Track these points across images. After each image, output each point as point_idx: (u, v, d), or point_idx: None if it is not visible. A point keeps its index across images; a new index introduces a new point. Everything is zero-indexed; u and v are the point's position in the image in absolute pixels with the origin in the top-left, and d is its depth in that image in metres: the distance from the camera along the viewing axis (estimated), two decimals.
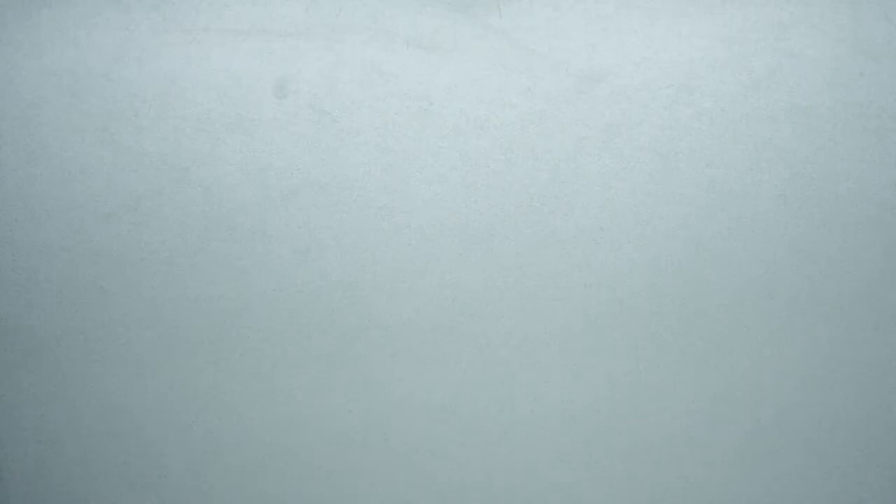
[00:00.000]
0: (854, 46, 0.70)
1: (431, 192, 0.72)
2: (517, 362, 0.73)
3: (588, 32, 0.70)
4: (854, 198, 0.72)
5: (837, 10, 0.69)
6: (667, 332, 0.73)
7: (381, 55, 0.70)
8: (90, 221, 0.73)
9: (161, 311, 0.74)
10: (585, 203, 0.72)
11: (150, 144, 0.72)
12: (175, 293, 0.74)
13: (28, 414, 0.76)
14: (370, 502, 0.73)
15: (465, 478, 0.73)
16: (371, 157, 0.72)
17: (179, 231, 0.73)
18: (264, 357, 0.74)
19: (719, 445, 0.75)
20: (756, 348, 0.74)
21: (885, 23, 0.69)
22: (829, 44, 0.70)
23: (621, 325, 0.73)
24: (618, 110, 0.70)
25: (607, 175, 0.72)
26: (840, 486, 0.76)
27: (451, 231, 0.71)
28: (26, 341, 0.75)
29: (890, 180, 0.72)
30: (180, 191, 0.73)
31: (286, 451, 0.75)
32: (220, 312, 0.74)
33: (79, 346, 0.75)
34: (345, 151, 0.72)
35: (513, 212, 0.72)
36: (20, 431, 0.76)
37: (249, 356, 0.74)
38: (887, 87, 0.70)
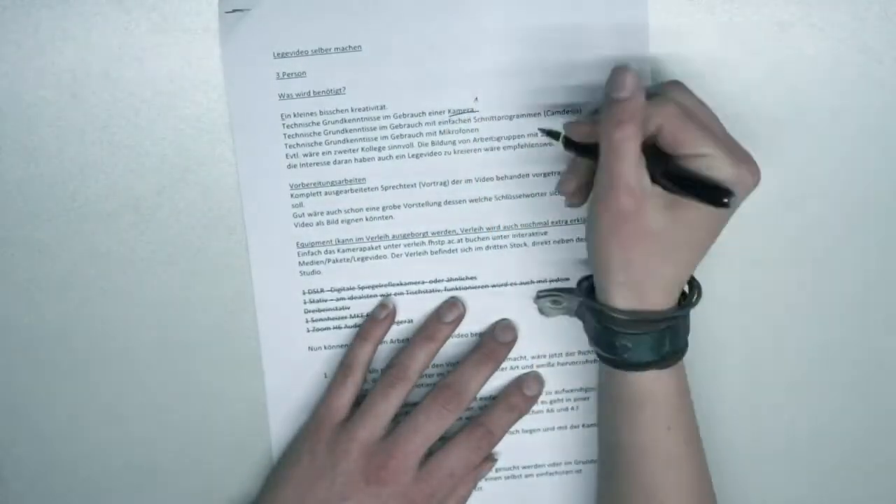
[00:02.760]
0: (854, 46, 0.70)
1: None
2: None
3: None
4: (854, 198, 0.72)
5: (837, 10, 0.69)
6: None
7: None
8: (90, 221, 0.73)
9: (161, 311, 0.74)
10: None
11: (150, 144, 0.72)
12: (175, 293, 0.74)
13: (28, 414, 0.76)
14: None
15: None
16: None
17: (179, 231, 0.73)
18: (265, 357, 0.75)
19: (715, 448, 0.75)
20: (755, 349, 0.74)
21: (885, 23, 0.69)
22: (829, 44, 0.70)
23: None
24: None
25: None
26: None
27: None
28: (26, 341, 0.75)
29: (890, 180, 0.72)
30: (180, 191, 0.73)
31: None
32: (220, 312, 0.74)
33: (79, 346, 0.75)
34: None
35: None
36: (20, 431, 0.76)
37: (250, 356, 0.74)
38: (887, 87, 0.70)
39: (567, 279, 0.73)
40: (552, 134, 0.67)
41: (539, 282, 0.73)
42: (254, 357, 0.74)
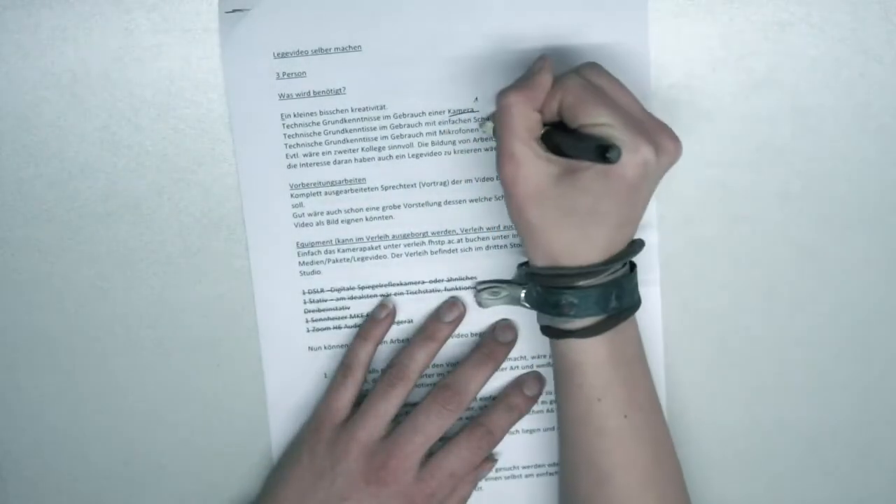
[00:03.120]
0: (854, 46, 0.70)
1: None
2: None
3: None
4: (854, 198, 0.72)
5: (837, 10, 0.69)
6: (668, 331, 0.73)
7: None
8: (90, 221, 0.73)
9: (161, 311, 0.74)
10: None
11: (150, 144, 0.72)
12: (175, 293, 0.74)
13: (28, 414, 0.76)
14: None
15: None
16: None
17: (179, 231, 0.73)
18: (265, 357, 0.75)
19: (715, 449, 0.75)
20: (755, 348, 0.74)
21: (885, 23, 0.69)
22: (829, 44, 0.70)
23: None
24: None
25: None
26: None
27: None
28: (26, 341, 0.75)
29: (890, 180, 0.72)
30: (180, 191, 0.73)
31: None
32: (220, 312, 0.74)
33: (79, 346, 0.75)
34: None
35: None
36: (20, 431, 0.76)
37: (250, 356, 0.74)
38: (887, 87, 0.70)
39: None
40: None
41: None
42: (254, 357, 0.74)
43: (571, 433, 0.66)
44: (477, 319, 0.74)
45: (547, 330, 0.66)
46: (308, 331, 0.74)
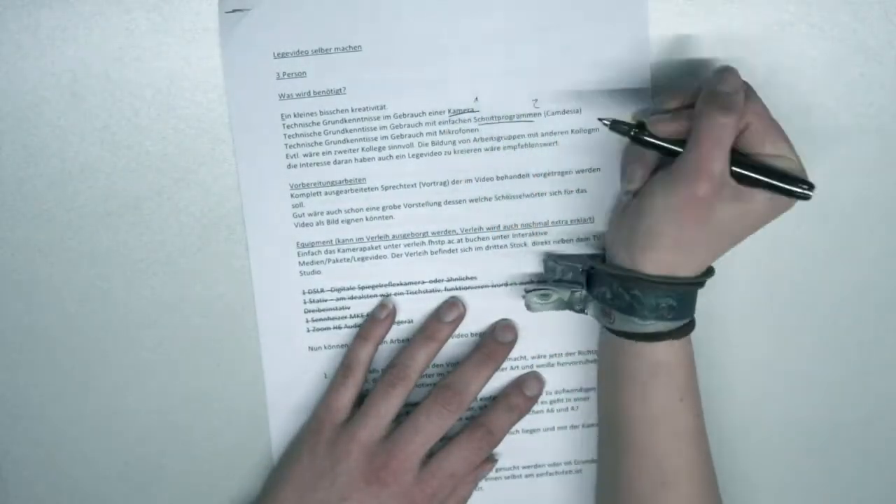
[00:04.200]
0: (854, 46, 0.70)
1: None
2: None
3: None
4: (854, 198, 0.72)
5: (837, 10, 0.69)
6: None
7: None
8: (90, 221, 0.73)
9: (161, 311, 0.74)
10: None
11: (150, 144, 0.72)
12: (175, 293, 0.74)
13: (28, 414, 0.76)
14: None
15: None
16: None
17: (179, 231, 0.73)
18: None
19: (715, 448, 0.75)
20: (755, 348, 0.74)
21: (885, 23, 0.69)
22: (829, 44, 0.70)
23: None
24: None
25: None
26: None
27: None
28: (26, 341, 0.75)
29: (890, 180, 0.72)
30: (180, 191, 0.73)
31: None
32: (220, 312, 0.74)
33: (79, 346, 0.75)
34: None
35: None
36: (20, 431, 0.76)
37: (250, 356, 0.74)
38: (887, 87, 0.70)
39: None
40: (618, 127, 0.66)
41: (539, 282, 0.73)
42: (254, 357, 0.74)
43: (641, 436, 0.66)
44: (477, 319, 0.74)
45: (629, 334, 0.66)
46: (308, 331, 0.74)
